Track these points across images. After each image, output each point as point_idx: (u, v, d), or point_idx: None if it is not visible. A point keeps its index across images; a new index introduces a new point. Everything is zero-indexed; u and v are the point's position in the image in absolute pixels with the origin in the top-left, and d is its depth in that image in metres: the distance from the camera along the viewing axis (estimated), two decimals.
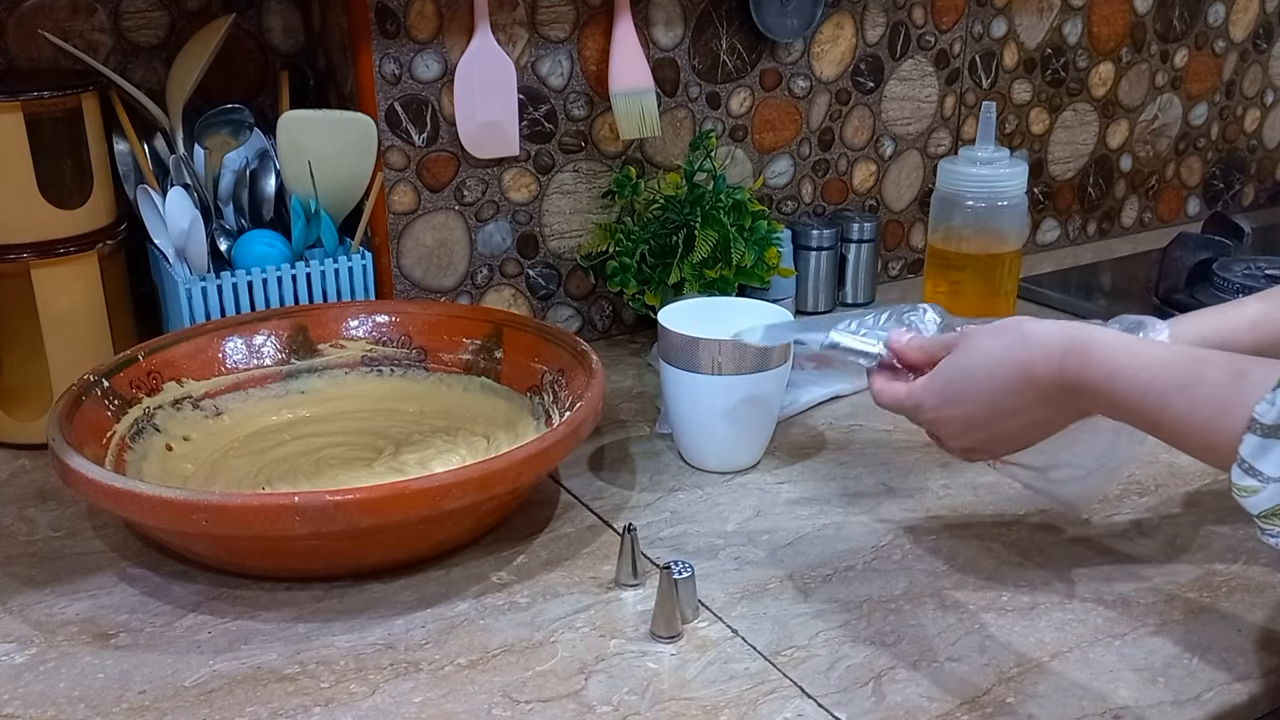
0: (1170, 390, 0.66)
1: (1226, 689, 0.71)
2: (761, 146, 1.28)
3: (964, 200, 1.04)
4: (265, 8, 1.12)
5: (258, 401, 0.99)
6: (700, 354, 0.91)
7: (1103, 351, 0.69)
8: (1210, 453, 0.64)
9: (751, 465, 0.97)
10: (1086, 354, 0.69)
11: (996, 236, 1.05)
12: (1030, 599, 0.79)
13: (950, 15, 1.35)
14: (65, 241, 0.96)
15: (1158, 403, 0.66)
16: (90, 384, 0.89)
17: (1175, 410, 0.65)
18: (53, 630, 0.76)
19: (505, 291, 1.18)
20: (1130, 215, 1.62)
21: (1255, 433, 0.60)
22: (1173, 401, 0.65)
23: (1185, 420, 0.65)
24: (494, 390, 1.00)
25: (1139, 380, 0.67)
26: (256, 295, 1.03)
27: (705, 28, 1.20)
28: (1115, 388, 0.68)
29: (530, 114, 1.13)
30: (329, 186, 1.05)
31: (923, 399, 0.77)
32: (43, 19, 1.04)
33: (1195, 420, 0.64)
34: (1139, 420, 0.68)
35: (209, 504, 0.73)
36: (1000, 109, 1.42)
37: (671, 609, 0.75)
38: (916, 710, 0.69)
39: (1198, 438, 0.65)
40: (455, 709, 0.69)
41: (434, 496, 0.75)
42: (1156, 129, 1.59)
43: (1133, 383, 0.67)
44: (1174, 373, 0.66)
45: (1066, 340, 0.71)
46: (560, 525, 0.89)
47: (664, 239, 1.13)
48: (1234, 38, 1.61)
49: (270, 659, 0.73)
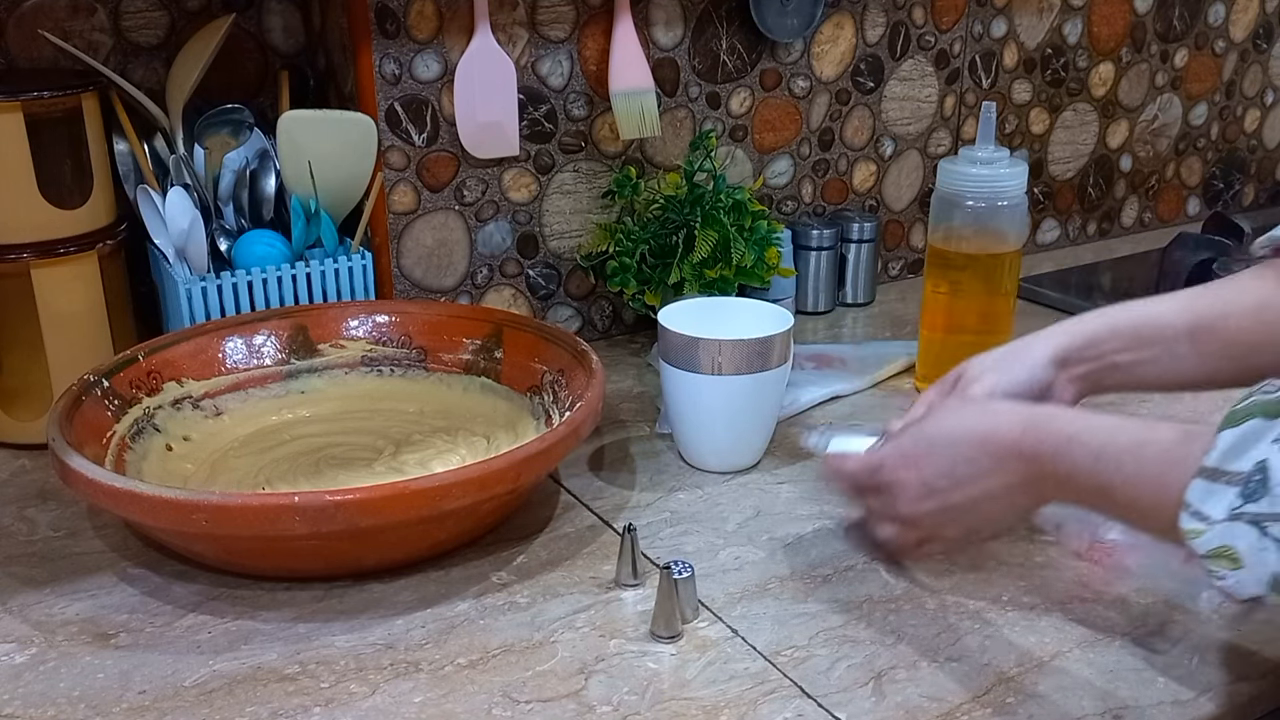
0: (1123, 452, 0.66)
1: (1226, 689, 0.71)
2: (761, 146, 1.28)
3: (964, 200, 1.04)
4: (265, 8, 1.12)
5: (258, 401, 0.99)
6: (700, 354, 0.91)
7: (1061, 421, 0.71)
8: (1157, 510, 0.64)
9: (751, 465, 0.97)
10: (1047, 424, 0.71)
11: (996, 236, 1.05)
12: (1030, 599, 0.79)
13: (950, 15, 1.35)
14: (65, 241, 0.96)
15: (1112, 465, 0.66)
16: (90, 384, 0.89)
17: (1127, 471, 0.66)
18: (53, 630, 0.76)
19: (505, 291, 1.18)
20: (1130, 215, 1.62)
21: (1202, 476, 0.61)
22: (1125, 463, 0.66)
23: (1135, 479, 0.65)
24: (494, 390, 1.00)
25: (1093, 444, 0.68)
26: (256, 295, 1.03)
27: (705, 28, 1.20)
28: (1072, 454, 0.68)
29: (530, 114, 1.13)
30: (329, 186, 1.05)
31: (885, 457, 0.77)
32: (43, 19, 1.04)
33: (1145, 477, 0.65)
34: (1092, 489, 0.68)
35: (209, 504, 0.73)
36: (1000, 109, 1.42)
37: (671, 609, 0.75)
38: (916, 710, 0.69)
39: (1147, 495, 0.65)
40: (455, 709, 0.69)
41: (434, 496, 0.75)
42: (1156, 129, 1.59)
43: (1088, 447, 0.68)
44: (1127, 436, 0.67)
45: (1029, 412, 0.73)
46: (560, 525, 0.89)
47: (664, 239, 1.13)
48: (1234, 38, 1.61)
49: (270, 659, 0.73)
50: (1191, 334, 0.82)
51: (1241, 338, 0.82)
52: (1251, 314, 0.81)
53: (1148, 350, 0.83)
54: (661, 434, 1.02)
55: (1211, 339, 0.82)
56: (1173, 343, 0.83)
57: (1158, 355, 0.83)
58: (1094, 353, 0.84)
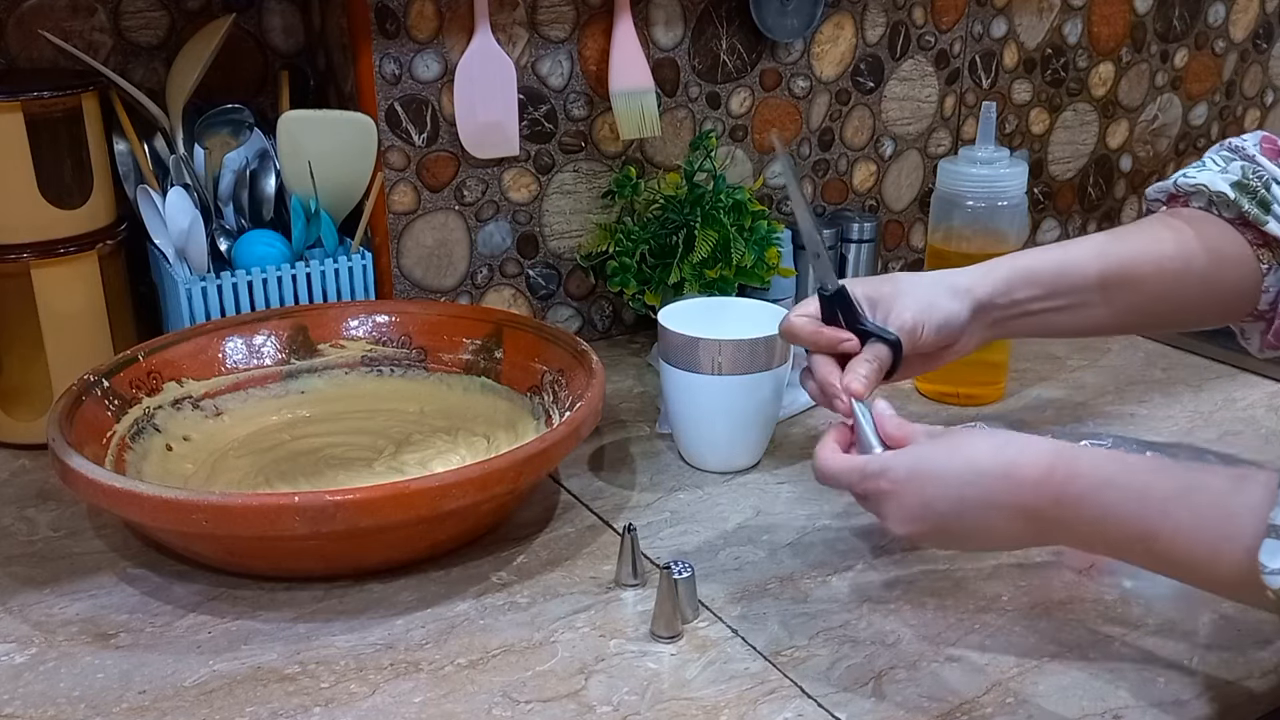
0: (1169, 498, 0.64)
1: (1227, 689, 0.71)
2: (761, 146, 1.28)
3: (964, 200, 1.04)
4: (265, 8, 1.12)
5: (258, 401, 0.99)
6: (700, 354, 0.91)
7: (1093, 461, 0.67)
8: (1213, 564, 0.62)
9: (751, 465, 0.97)
10: (1076, 462, 0.67)
11: (996, 236, 1.05)
12: (1030, 599, 0.79)
13: (950, 15, 1.35)
14: (65, 241, 0.96)
15: (1157, 511, 0.64)
16: (90, 384, 0.89)
17: (1178, 518, 0.63)
18: (53, 630, 0.76)
19: (505, 291, 1.18)
20: (1130, 215, 1.62)
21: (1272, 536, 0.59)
22: (1173, 510, 0.63)
23: (1189, 528, 0.63)
24: (494, 390, 1.00)
25: (1133, 488, 0.65)
26: (256, 295, 1.03)
27: (705, 28, 1.20)
28: (1105, 498, 0.65)
29: (530, 114, 1.13)
30: (329, 186, 1.05)
31: (891, 465, 0.72)
32: (43, 19, 1.04)
33: (1200, 527, 0.62)
34: (1128, 536, 0.65)
35: (209, 504, 0.73)
36: (1000, 109, 1.42)
37: (671, 609, 0.75)
38: (916, 710, 0.69)
39: (1203, 546, 0.62)
40: (455, 709, 0.69)
41: (434, 496, 0.75)
42: (1156, 129, 1.59)
43: (1127, 491, 0.65)
44: (1171, 481, 0.65)
45: (1055, 448, 0.68)
46: (560, 525, 0.89)
47: (664, 239, 1.13)
48: (1234, 38, 1.61)
49: (270, 659, 0.73)
50: (1103, 284, 0.84)
51: (1147, 289, 0.84)
52: (1157, 265, 0.84)
53: (1061, 299, 0.84)
54: (661, 434, 1.02)
55: (1121, 290, 0.84)
56: (1085, 292, 0.84)
57: (1070, 304, 0.85)
58: (1007, 300, 0.84)
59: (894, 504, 0.71)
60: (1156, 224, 0.87)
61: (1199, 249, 0.84)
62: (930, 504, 0.70)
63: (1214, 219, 0.85)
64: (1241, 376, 1.15)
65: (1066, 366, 1.18)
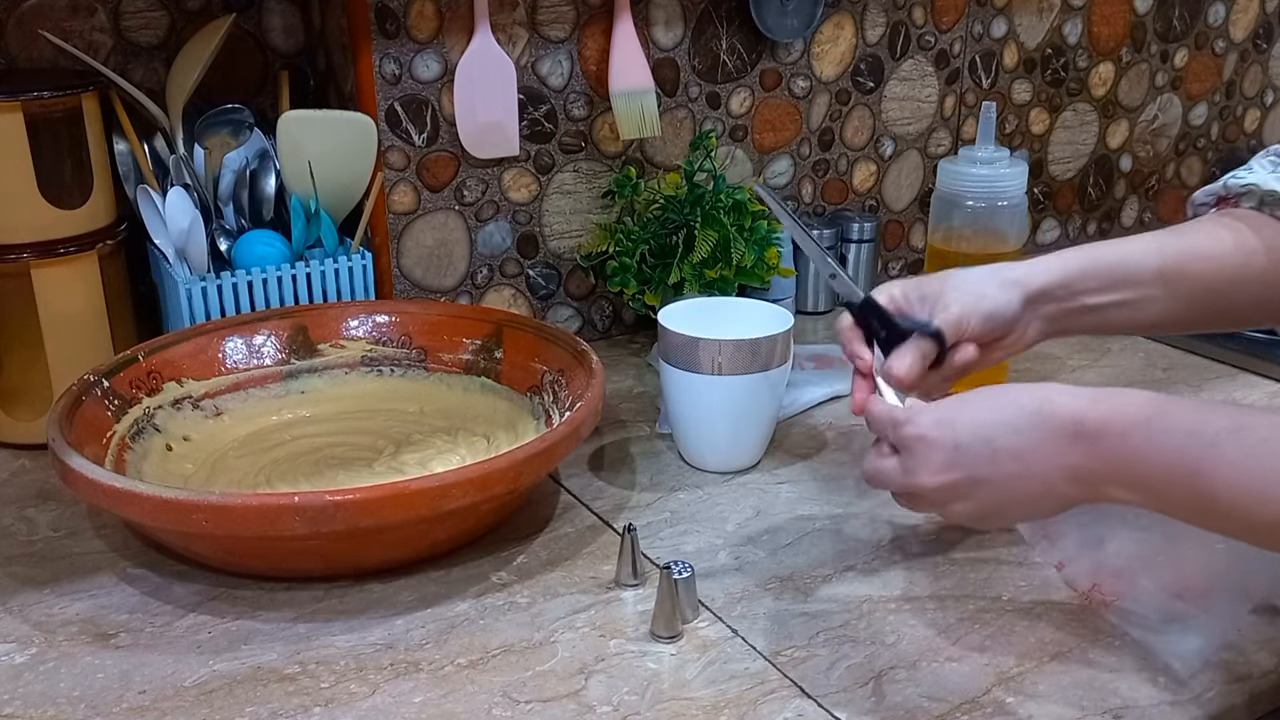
0: (1221, 432, 0.61)
1: (1226, 689, 0.71)
2: (761, 146, 1.28)
3: (964, 200, 1.04)
4: (265, 8, 1.12)
5: (258, 401, 0.99)
6: (700, 354, 0.91)
7: (1139, 398, 0.65)
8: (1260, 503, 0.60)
9: (751, 465, 0.97)
10: (1121, 396, 0.65)
11: (996, 237, 1.05)
12: (1030, 598, 0.79)
13: (950, 15, 1.35)
14: (65, 241, 0.96)
15: (1207, 445, 0.61)
16: (90, 384, 0.89)
17: (1227, 453, 0.61)
18: (53, 630, 0.76)
19: (505, 291, 1.18)
20: (1130, 215, 1.62)
21: None
22: (1224, 443, 0.61)
23: (1239, 464, 0.61)
24: (494, 390, 1.00)
25: (1183, 423, 0.62)
26: (256, 295, 1.03)
27: (705, 28, 1.20)
28: (1152, 431, 0.63)
29: (530, 114, 1.13)
30: (329, 186, 1.05)
31: (920, 411, 0.71)
32: (43, 19, 1.04)
33: (1250, 466, 0.61)
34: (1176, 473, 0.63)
35: (209, 504, 0.73)
36: (1000, 109, 1.43)
37: (671, 609, 0.75)
38: (916, 710, 0.69)
39: (1252, 486, 0.60)
40: (455, 709, 0.69)
41: (434, 496, 0.75)
42: (1156, 129, 1.59)
43: (1177, 426, 0.63)
44: (1222, 419, 0.63)
45: (1096, 390, 0.67)
46: (560, 525, 0.89)
47: (664, 239, 1.13)
48: (1234, 38, 1.61)
49: (270, 659, 0.73)
50: (1163, 277, 0.82)
51: (1207, 283, 0.82)
52: (1216, 260, 0.82)
53: (1120, 293, 0.82)
54: (661, 434, 1.02)
55: (1181, 283, 0.82)
56: (1145, 285, 0.82)
57: (1129, 298, 0.82)
58: (1065, 291, 0.81)
59: (924, 450, 0.69)
60: (1212, 223, 0.85)
61: (1258, 246, 0.82)
62: (963, 447, 0.68)
63: (1268, 219, 0.83)
64: (1242, 377, 1.16)
65: (1067, 366, 1.18)
